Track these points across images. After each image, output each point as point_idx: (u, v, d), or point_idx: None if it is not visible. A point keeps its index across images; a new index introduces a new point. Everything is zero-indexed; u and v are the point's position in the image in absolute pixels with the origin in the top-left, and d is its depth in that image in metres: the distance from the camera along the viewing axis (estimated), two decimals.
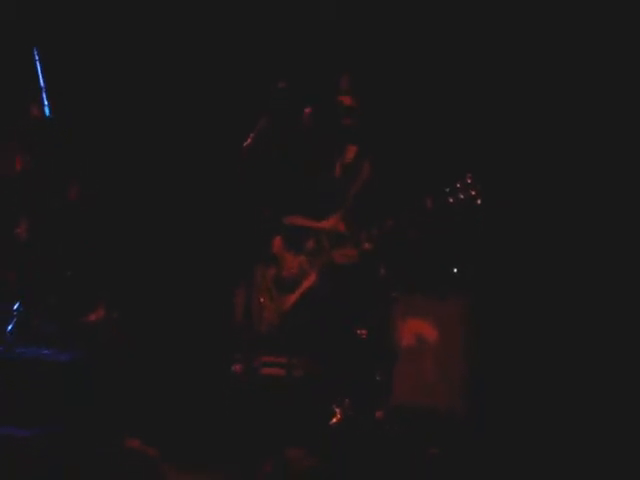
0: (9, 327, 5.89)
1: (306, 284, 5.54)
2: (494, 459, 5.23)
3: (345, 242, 5.51)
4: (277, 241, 5.73)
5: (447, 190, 5.22)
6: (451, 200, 5.21)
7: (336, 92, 5.70)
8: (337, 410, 5.29)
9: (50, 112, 5.90)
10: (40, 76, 5.95)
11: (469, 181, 5.21)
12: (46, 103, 5.90)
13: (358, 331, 5.45)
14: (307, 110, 5.59)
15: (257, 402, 4.85)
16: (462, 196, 5.21)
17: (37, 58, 5.95)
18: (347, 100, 5.68)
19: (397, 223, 5.31)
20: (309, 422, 5.19)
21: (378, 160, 5.60)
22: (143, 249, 6.84)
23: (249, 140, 4.86)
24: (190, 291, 6.70)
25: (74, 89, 6.46)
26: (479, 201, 5.17)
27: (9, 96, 6.27)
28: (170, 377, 6.47)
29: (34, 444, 4.73)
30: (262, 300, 5.53)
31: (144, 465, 4.69)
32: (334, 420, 5.27)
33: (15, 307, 5.95)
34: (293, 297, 5.53)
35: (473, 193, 5.20)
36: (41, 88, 5.95)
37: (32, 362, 5.66)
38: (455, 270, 5.93)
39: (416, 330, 5.73)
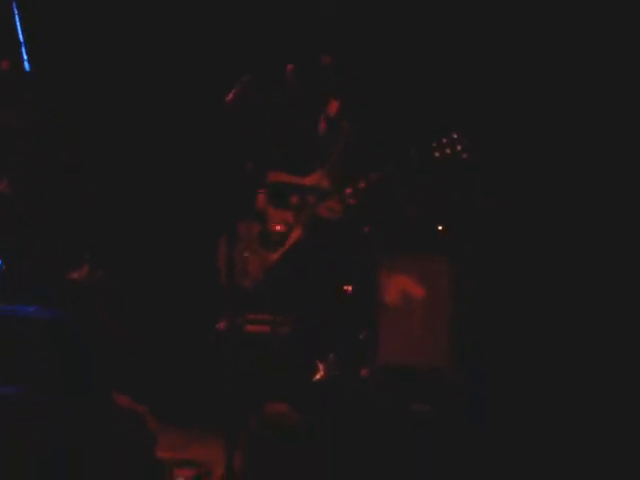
0: None
1: (291, 239, 5.51)
2: (481, 417, 5.24)
3: (330, 197, 5.48)
4: (261, 197, 5.69)
5: (433, 144, 5.18)
6: (437, 154, 5.17)
7: (318, 50, 5.65)
8: (320, 366, 5.28)
9: (29, 67, 5.82)
10: (19, 30, 5.86)
11: (455, 136, 5.17)
12: (25, 57, 5.82)
13: (343, 287, 5.43)
14: (289, 66, 5.54)
15: (241, 359, 4.83)
16: (448, 151, 5.16)
17: (15, 12, 5.86)
18: (327, 59, 5.63)
19: (382, 177, 5.27)
20: (293, 378, 5.19)
21: (361, 114, 5.56)
22: (126, 205, 6.79)
23: (231, 95, 4.80)
24: (174, 247, 6.67)
25: (55, 44, 6.37)
26: (465, 156, 5.13)
27: None
28: (155, 334, 6.46)
29: (21, 402, 4.70)
30: (246, 255, 5.50)
31: (133, 421, 4.68)
32: (317, 377, 5.26)
33: None
34: (277, 252, 5.51)
35: (459, 148, 5.16)
36: (20, 42, 5.86)
37: (16, 320, 5.63)
38: (440, 227, 5.90)
39: (402, 287, 5.71)
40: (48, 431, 4.61)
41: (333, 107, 5.69)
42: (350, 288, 5.43)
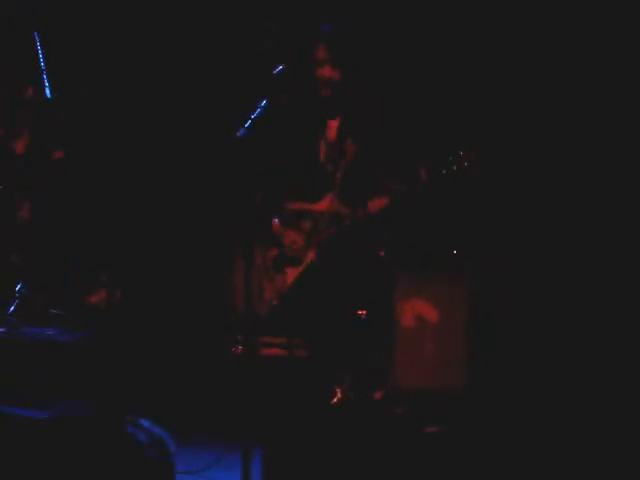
0: (11, 308, 5.92)
1: (305, 263, 5.56)
2: (494, 438, 5.27)
3: (342, 220, 5.52)
4: (275, 222, 5.74)
5: (441, 162, 5.20)
6: (444, 172, 5.19)
7: (315, 64, 5.63)
8: (337, 390, 5.33)
9: (51, 93, 5.92)
10: (40, 58, 5.96)
11: (462, 153, 5.19)
12: (47, 84, 5.92)
13: (358, 311, 5.47)
14: (284, 97, 5.56)
15: (258, 383, 4.88)
16: (455, 167, 5.19)
17: (37, 40, 5.96)
18: (326, 71, 5.63)
19: (392, 197, 5.31)
20: (310, 402, 5.23)
21: (363, 134, 5.58)
22: (144, 230, 6.87)
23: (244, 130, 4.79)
24: (190, 273, 6.74)
25: (75, 71, 6.46)
26: (473, 173, 5.15)
27: (9, 78, 6.29)
28: (172, 358, 6.51)
29: (42, 425, 4.75)
30: (261, 281, 5.56)
31: (152, 444, 4.72)
32: (334, 400, 5.30)
33: (18, 288, 5.99)
34: (292, 277, 5.56)
35: (467, 164, 5.17)
36: (41, 69, 5.97)
37: (35, 342, 5.71)
38: (455, 251, 5.94)
39: (417, 310, 5.76)
40: (69, 453, 4.66)
41: (332, 128, 5.73)
42: (365, 312, 5.48)
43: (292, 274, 5.59)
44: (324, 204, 5.63)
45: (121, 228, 6.66)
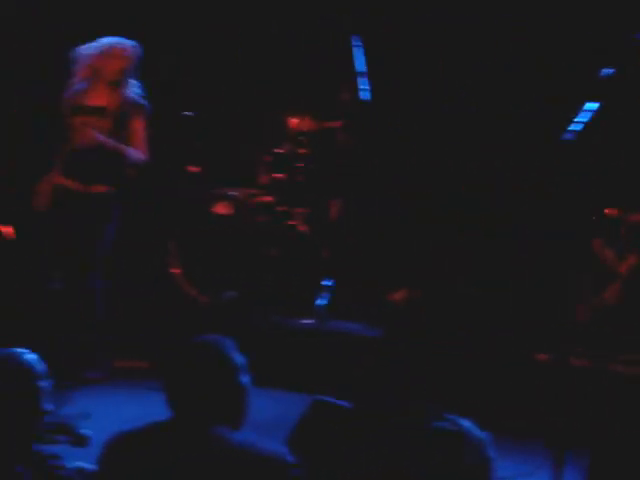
0: (321, 301, 6.16)
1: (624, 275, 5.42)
2: None
3: None
4: (597, 241, 5.61)
5: None
6: None
7: None
8: None
9: (369, 96, 6.10)
10: (358, 61, 6.15)
11: None
12: (365, 87, 6.11)
13: None
14: None
15: (565, 394, 4.79)
16: None
17: (356, 44, 6.16)
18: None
19: None
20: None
21: None
22: (449, 231, 6.87)
23: None
24: (496, 274, 6.64)
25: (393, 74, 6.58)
26: None
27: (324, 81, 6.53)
28: (471, 359, 6.47)
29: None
30: (583, 297, 5.45)
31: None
32: None
33: (327, 282, 6.22)
34: (613, 292, 5.43)
35: None
36: (358, 73, 6.16)
37: (341, 336, 5.92)
38: None
39: None
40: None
41: None
42: None
43: (612, 289, 5.46)
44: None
45: (425, 229, 6.72)
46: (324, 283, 6.23)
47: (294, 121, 6.35)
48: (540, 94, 6.42)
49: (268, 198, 6.37)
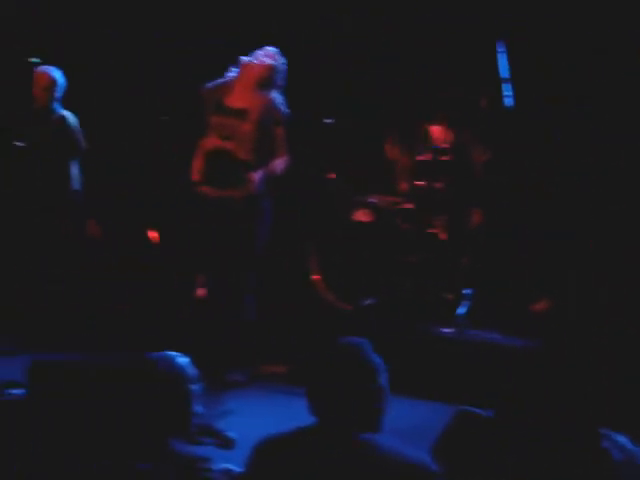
0: (462, 310, 6.11)
1: None
2: None
3: None
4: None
5: None
6: None
7: None
8: None
9: (512, 103, 6.02)
10: (503, 67, 6.08)
11: None
12: (509, 94, 6.03)
13: None
14: None
15: None
16: None
17: (500, 50, 6.09)
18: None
19: None
20: None
21: None
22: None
23: None
24: None
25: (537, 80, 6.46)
26: None
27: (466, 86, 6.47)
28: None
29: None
30: None
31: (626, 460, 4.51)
32: None
33: (468, 291, 6.16)
34: None
35: None
36: (503, 79, 6.09)
37: (482, 346, 5.84)
38: None
39: None
40: None
41: None
42: None
43: None
44: None
45: (569, 237, 6.57)
46: (464, 291, 6.18)
47: (436, 128, 6.33)
48: None
49: (409, 205, 6.36)
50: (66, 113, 6.31)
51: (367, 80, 6.77)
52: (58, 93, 6.25)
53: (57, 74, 6.25)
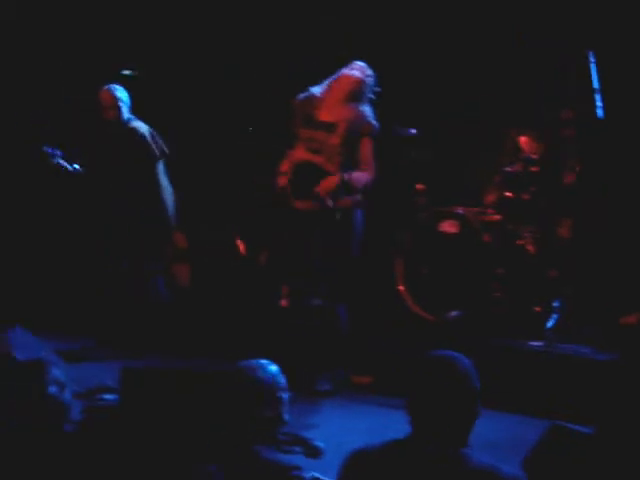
0: (550, 323, 6.03)
1: None
2: None
3: None
4: None
5: None
6: None
7: None
8: None
9: (603, 114, 5.94)
10: (594, 77, 6.00)
11: None
12: (600, 104, 5.94)
13: None
14: None
15: None
16: None
17: (592, 61, 6.01)
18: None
19: None
20: None
21: None
22: None
23: None
24: None
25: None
26: None
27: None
28: None
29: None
30: None
31: None
32: None
33: (556, 304, 6.08)
34: None
35: None
36: (594, 89, 6.01)
37: (571, 359, 5.75)
38: None
39: None
40: None
41: None
42: None
43: None
44: None
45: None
46: (553, 304, 6.10)
47: (524, 139, 6.25)
48: None
49: (496, 217, 6.30)
50: (137, 124, 6.45)
51: (456, 90, 6.73)
52: (124, 108, 6.40)
53: (118, 90, 6.41)
